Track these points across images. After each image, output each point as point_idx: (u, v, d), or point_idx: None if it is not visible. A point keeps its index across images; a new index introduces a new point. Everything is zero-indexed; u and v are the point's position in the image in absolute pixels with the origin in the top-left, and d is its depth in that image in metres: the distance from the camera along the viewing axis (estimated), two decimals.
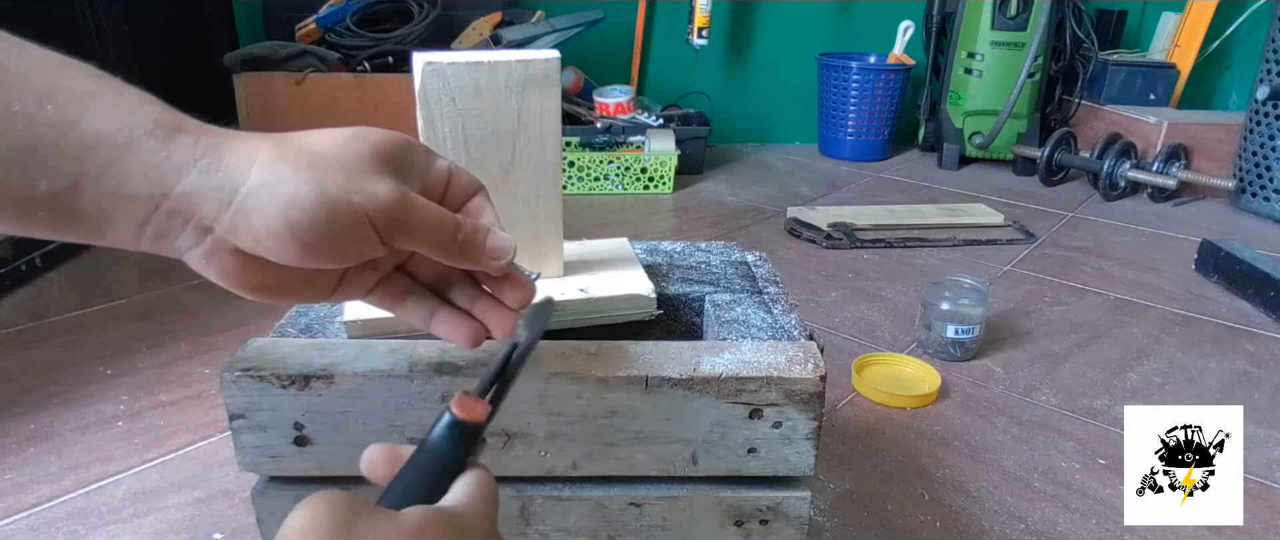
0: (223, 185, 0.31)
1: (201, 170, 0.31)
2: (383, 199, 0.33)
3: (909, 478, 0.87)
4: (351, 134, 0.35)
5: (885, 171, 2.22)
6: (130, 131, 0.30)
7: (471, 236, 0.37)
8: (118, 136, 0.30)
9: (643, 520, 0.50)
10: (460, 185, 0.40)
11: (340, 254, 0.33)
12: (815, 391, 0.47)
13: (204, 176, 0.31)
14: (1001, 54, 2.13)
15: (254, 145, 0.32)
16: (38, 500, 0.80)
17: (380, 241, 0.34)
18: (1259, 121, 1.84)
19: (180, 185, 0.30)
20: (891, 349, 1.16)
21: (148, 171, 0.30)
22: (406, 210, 0.34)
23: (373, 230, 0.33)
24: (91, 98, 0.30)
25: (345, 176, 0.33)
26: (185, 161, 0.30)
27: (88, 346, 1.10)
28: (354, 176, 0.33)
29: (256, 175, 0.31)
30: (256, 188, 0.31)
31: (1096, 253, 1.60)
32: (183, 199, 0.31)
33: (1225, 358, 1.17)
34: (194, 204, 0.31)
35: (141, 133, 0.30)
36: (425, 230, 0.35)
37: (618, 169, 1.91)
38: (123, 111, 0.30)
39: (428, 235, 0.36)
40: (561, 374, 0.46)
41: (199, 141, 0.31)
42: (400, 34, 1.87)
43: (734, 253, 0.69)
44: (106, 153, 0.29)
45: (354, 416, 0.46)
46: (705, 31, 2.10)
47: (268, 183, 0.31)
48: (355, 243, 0.33)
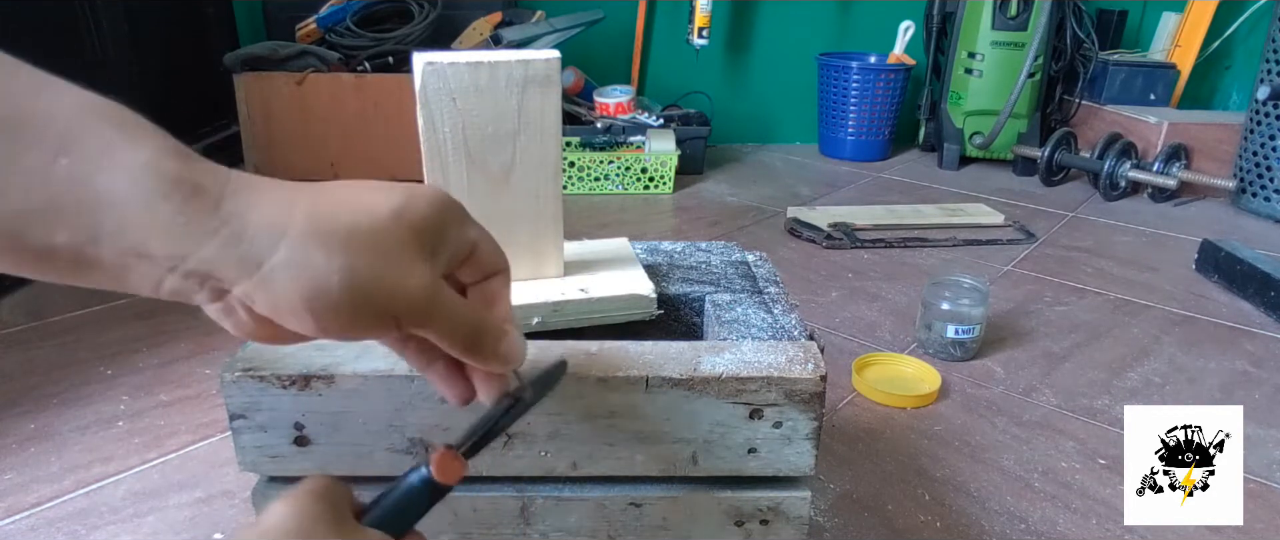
0: (246, 258, 0.29)
1: (223, 240, 0.29)
2: (412, 293, 0.32)
3: (909, 478, 0.87)
4: (394, 210, 0.32)
5: (885, 171, 2.22)
6: (148, 192, 0.28)
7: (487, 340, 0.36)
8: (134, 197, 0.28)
9: (643, 520, 0.50)
10: (483, 260, 0.38)
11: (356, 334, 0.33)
12: (815, 391, 0.47)
13: (225, 247, 0.29)
14: (1002, 54, 2.13)
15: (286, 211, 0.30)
16: (38, 500, 0.80)
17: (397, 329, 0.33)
18: (1259, 121, 1.84)
19: (200, 252, 0.29)
20: (892, 349, 1.16)
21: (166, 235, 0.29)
22: (432, 306, 0.33)
23: (394, 320, 0.32)
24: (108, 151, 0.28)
25: (380, 263, 0.31)
26: (205, 229, 0.29)
27: (88, 346, 1.10)
28: (389, 263, 0.32)
29: (284, 252, 0.30)
30: (281, 265, 0.30)
31: (1097, 253, 1.60)
32: (201, 264, 0.29)
33: (1225, 358, 1.17)
34: (213, 269, 0.29)
35: (159, 194, 0.28)
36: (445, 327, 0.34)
37: (618, 169, 1.91)
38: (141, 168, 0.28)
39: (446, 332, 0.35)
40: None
41: (220, 207, 0.29)
42: (400, 34, 1.87)
43: (734, 253, 0.69)
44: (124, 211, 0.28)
45: (354, 416, 0.46)
46: (705, 31, 2.10)
47: (296, 262, 0.30)
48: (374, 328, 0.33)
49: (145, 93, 1.66)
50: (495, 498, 0.49)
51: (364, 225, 0.31)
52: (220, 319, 0.32)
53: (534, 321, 0.52)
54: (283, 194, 0.31)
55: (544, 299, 0.53)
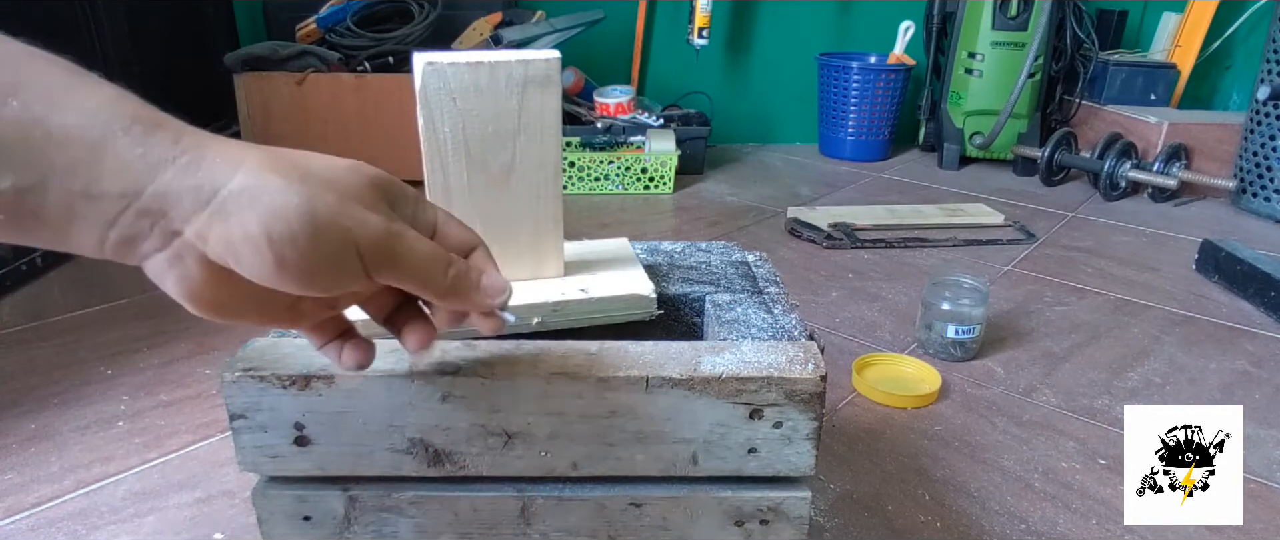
0: (202, 185, 0.29)
1: (181, 167, 0.29)
2: (374, 227, 0.32)
3: (909, 478, 0.87)
4: (348, 163, 0.33)
5: (885, 171, 2.22)
6: (104, 127, 0.28)
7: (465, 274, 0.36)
8: (90, 132, 0.28)
9: (643, 520, 0.50)
10: (453, 238, 0.38)
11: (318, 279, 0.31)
12: (816, 392, 0.47)
13: (182, 174, 0.29)
14: (1002, 54, 2.13)
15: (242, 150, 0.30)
16: (38, 500, 0.80)
17: (364, 273, 0.32)
18: (1259, 121, 1.84)
19: (155, 183, 0.28)
20: (892, 349, 1.16)
21: (122, 168, 0.28)
22: (396, 242, 0.33)
23: (358, 259, 0.31)
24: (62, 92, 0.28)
25: (338, 198, 0.31)
26: (163, 158, 0.28)
27: (88, 346, 1.10)
28: (347, 201, 0.31)
29: (241, 178, 0.29)
30: (239, 190, 0.29)
31: (1097, 253, 1.60)
32: (155, 198, 0.28)
33: (1226, 358, 1.17)
34: (167, 203, 0.29)
35: (117, 128, 0.28)
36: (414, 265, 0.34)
37: (618, 169, 1.91)
38: (97, 107, 0.28)
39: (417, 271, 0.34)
40: (562, 374, 0.46)
41: (180, 139, 0.29)
42: (401, 34, 1.87)
43: (734, 253, 0.69)
44: (77, 149, 0.27)
45: (354, 416, 0.46)
46: (705, 31, 2.10)
47: (253, 187, 0.29)
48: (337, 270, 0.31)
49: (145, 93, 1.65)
50: (495, 498, 0.49)
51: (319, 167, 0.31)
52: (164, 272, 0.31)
53: (534, 321, 0.53)
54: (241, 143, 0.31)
55: (544, 299, 0.53)
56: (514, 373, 0.46)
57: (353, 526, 0.49)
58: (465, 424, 0.46)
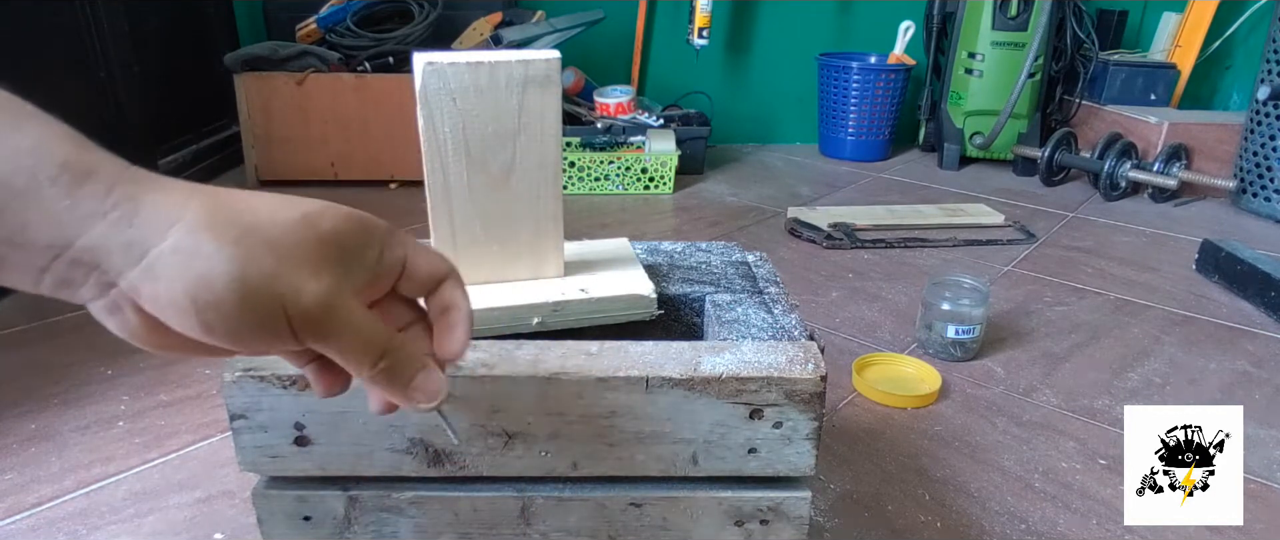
0: (133, 242, 0.28)
1: (111, 223, 0.27)
2: (306, 299, 0.30)
3: (909, 478, 0.87)
4: (303, 215, 0.31)
5: (886, 171, 2.22)
6: (30, 175, 0.27)
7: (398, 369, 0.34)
8: (15, 180, 0.26)
9: (643, 520, 0.50)
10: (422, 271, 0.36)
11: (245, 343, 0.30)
12: (816, 392, 0.47)
13: (113, 229, 0.27)
14: (1002, 54, 2.13)
15: (182, 202, 0.29)
16: (38, 500, 0.80)
17: (294, 340, 0.31)
18: (1259, 122, 1.84)
19: (85, 237, 0.27)
20: (892, 349, 1.16)
21: (48, 221, 0.27)
22: (330, 317, 0.31)
23: (288, 328, 0.30)
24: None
25: (274, 262, 0.29)
26: (93, 211, 0.27)
27: (88, 346, 1.10)
28: (285, 264, 0.29)
29: (173, 237, 0.28)
30: (169, 252, 0.28)
31: (1097, 253, 1.60)
32: (86, 251, 0.27)
33: (1226, 358, 1.17)
34: (98, 257, 0.28)
35: (43, 177, 0.27)
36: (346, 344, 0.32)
37: (618, 169, 1.91)
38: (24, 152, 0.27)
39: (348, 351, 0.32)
40: (562, 374, 0.46)
41: (112, 191, 0.28)
42: (401, 34, 1.87)
43: (734, 253, 0.69)
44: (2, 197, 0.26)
45: (354, 416, 0.46)
46: (706, 32, 2.10)
47: (184, 249, 0.28)
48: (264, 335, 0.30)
49: (145, 93, 1.66)
50: (495, 498, 0.49)
51: (264, 223, 0.30)
52: (105, 318, 0.30)
53: (534, 321, 0.53)
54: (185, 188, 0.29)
55: (544, 299, 0.53)
56: (514, 373, 0.46)
57: (353, 526, 0.49)
58: (465, 424, 0.46)
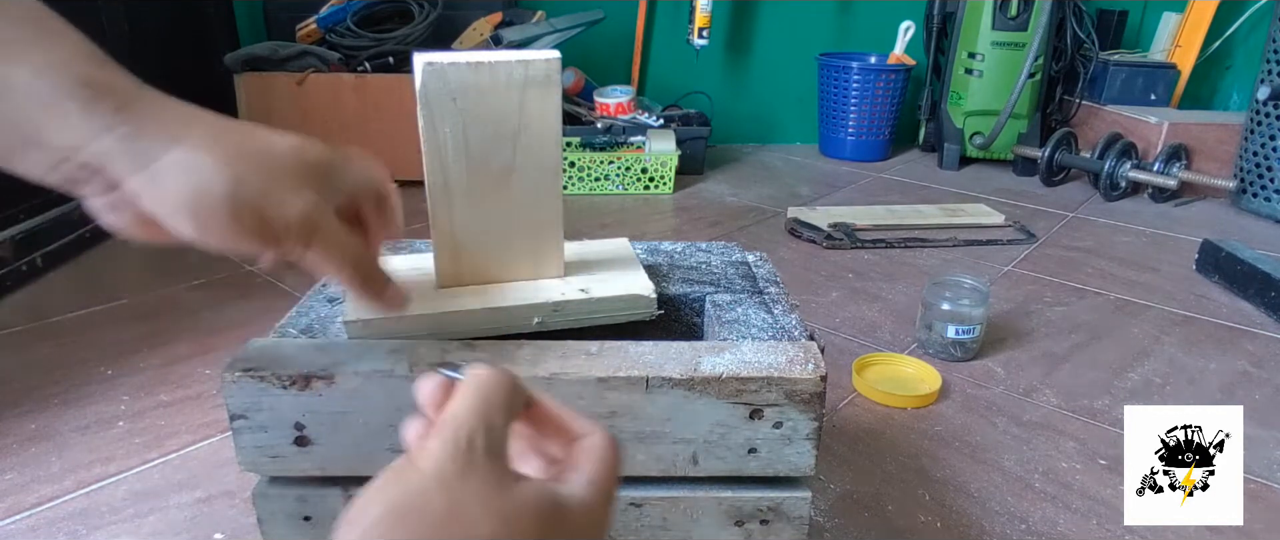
0: (139, 153, 0.31)
1: (119, 136, 0.31)
2: (292, 212, 0.34)
3: (909, 478, 0.87)
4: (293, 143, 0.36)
5: (886, 172, 2.22)
6: (52, 87, 0.30)
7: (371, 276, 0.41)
8: (39, 91, 0.30)
9: (643, 520, 0.50)
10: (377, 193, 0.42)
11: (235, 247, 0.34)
12: (816, 392, 0.47)
13: (120, 142, 0.31)
14: (1002, 54, 2.13)
15: (184, 123, 0.33)
16: (39, 500, 0.80)
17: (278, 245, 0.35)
18: (1260, 122, 1.84)
19: (94, 144, 0.31)
20: (892, 349, 1.16)
21: (64, 128, 0.30)
22: (311, 226, 0.35)
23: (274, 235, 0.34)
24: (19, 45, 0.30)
25: (263, 180, 0.33)
26: (104, 125, 0.31)
27: (88, 347, 1.10)
28: (272, 182, 0.34)
29: (176, 153, 0.32)
30: (172, 164, 0.32)
31: (1097, 253, 1.60)
32: (94, 156, 0.31)
33: (1226, 358, 1.17)
34: (105, 162, 0.31)
35: (63, 92, 0.30)
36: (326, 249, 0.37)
37: (618, 169, 1.91)
38: (49, 66, 0.30)
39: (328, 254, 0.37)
40: (562, 374, 0.46)
41: (124, 108, 0.31)
42: (401, 34, 1.87)
43: (734, 253, 0.69)
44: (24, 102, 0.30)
45: (354, 416, 0.46)
46: (706, 32, 2.10)
47: (184, 162, 0.32)
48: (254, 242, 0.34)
49: None
50: None
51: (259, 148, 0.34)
52: (104, 213, 0.34)
53: (534, 321, 0.53)
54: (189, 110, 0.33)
55: (544, 299, 0.53)
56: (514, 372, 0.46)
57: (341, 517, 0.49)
58: None
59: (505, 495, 0.27)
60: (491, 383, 0.30)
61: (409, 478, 0.27)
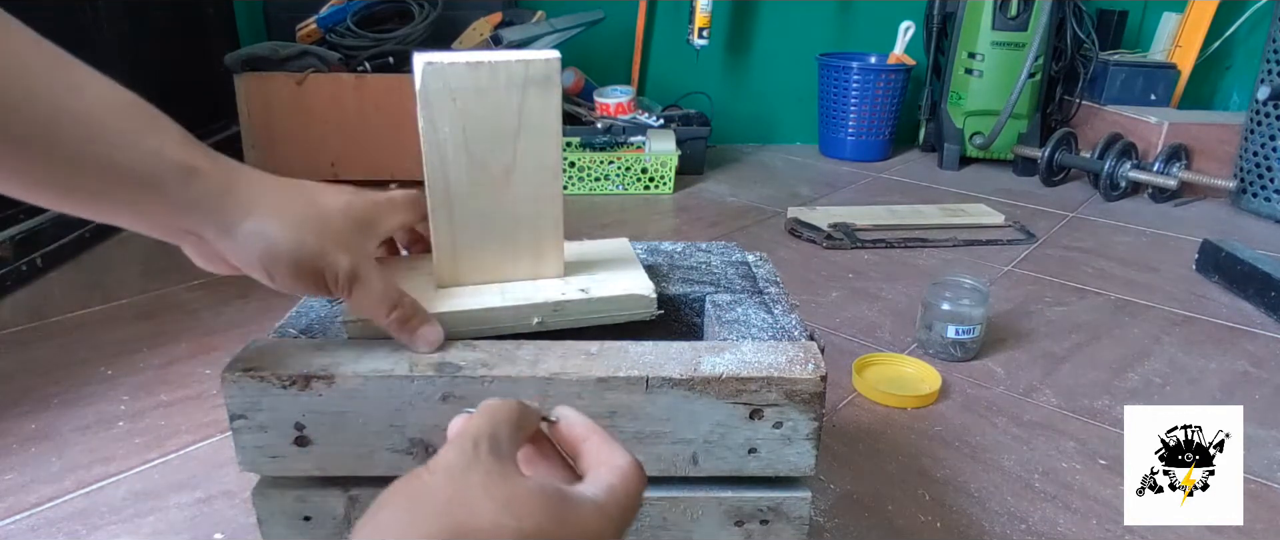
0: (223, 224, 0.41)
1: (208, 209, 0.40)
2: (340, 271, 0.44)
3: (910, 478, 0.87)
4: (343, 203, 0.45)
5: (886, 172, 2.22)
6: (158, 174, 0.38)
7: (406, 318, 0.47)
8: (147, 177, 0.38)
9: (643, 520, 0.50)
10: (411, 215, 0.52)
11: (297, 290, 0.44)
12: (816, 392, 0.47)
13: (209, 213, 0.40)
14: (1002, 54, 2.13)
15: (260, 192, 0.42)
16: (38, 500, 0.80)
17: (330, 292, 0.44)
18: (1260, 122, 1.84)
19: (191, 216, 0.40)
20: (892, 349, 1.16)
21: (167, 206, 0.39)
22: (356, 279, 0.45)
23: (326, 285, 0.44)
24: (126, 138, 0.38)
25: (318, 242, 0.43)
26: (197, 200, 0.40)
27: (88, 347, 1.10)
28: (327, 244, 0.43)
29: (251, 223, 0.41)
30: (248, 232, 0.41)
31: (1097, 253, 1.60)
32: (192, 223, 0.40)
33: (1226, 358, 1.17)
34: (199, 228, 0.41)
35: (167, 175, 0.39)
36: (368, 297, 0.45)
37: (618, 169, 1.91)
38: (152, 154, 0.38)
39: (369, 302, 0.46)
40: (562, 374, 0.46)
41: (210, 182, 0.40)
42: (401, 34, 1.87)
43: (734, 253, 0.69)
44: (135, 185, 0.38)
45: (354, 416, 0.46)
46: (706, 32, 2.10)
47: (258, 231, 0.41)
48: (310, 289, 0.44)
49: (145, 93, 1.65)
50: None
51: (314, 214, 0.43)
52: (193, 256, 0.44)
53: (534, 321, 0.52)
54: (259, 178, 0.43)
55: (544, 299, 0.53)
56: (514, 373, 0.46)
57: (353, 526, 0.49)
58: None
59: (509, 483, 0.29)
60: (499, 404, 0.33)
61: (418, 477, 0.29)
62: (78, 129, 0.36)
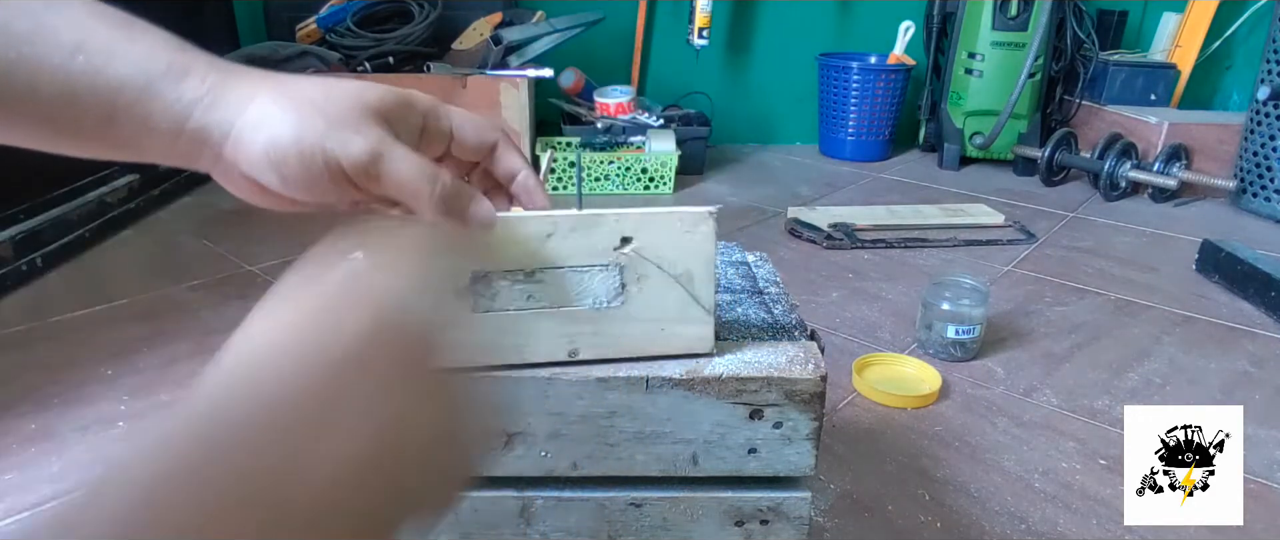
0: (222, 120, 0.36)
1: (206, 106, 0.35)
2: (354, 149, 0.36)
3: (910, 478, 0.87)
4: (352, 88, 0.38)
5: (886, 172, 2.22)
6: (148, 76, 0.35)
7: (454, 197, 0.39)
8: (138, 80, 0.35)
9: (643, 521, 0.50)
10: (470, 137, 0.42)
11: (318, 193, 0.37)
12: (816, 392, 0.47)
13: (209, 112, 0.35)
14: (1002, 54, 2.13)
15: (256, 85, 0.37)
16: (39, 500, 0.80)
17: (352, 186, 0.37)
18: (1259, 122, 1.84)
19: (191, 119, 0.35)
20: (892, 349, 1.16)
21: (165, 109, 0.35)
22: (377, 161, 0.36)
23: (344, 175, 0.36)
24: (116, 45, 0.35)
25: (326, 124, 0.36)
26: (194, 99, 0.35)
27: (89, 347, 1.10)
28: (335, 125, 0.36)
29: (250, 112, 0.36)
30: (246, 124, 0.36)
31: (1097, 253, 1.60)
32: (195, 130, 0.36)
33: (1226, 358, 1.17)
34: (204, 134, 0.36)
35: (157, 75, 0.35)
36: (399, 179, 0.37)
37: (618, 169, 1.91)
38: (142, 57, 0.35)
39: (401, 188, 0.37)
40: (562, 374, 0.46)
41: (206, 79, 0.36)
42: (401, 34, 1.87)
43: (734, 253, 0.69)
44: (131, 94, 0.34)
45: None
46: (706, 32, 2.10)
47: (256, 120, 0.36)
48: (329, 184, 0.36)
49: None
50: (496, 498, 0.49)
51: (318, 97, 0.37)
52: (226, 184, 0.38)
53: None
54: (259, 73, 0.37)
55: None
56: (514, 373, 0.46)
57: None
58: None
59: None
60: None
61: None
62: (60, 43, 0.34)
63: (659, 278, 0.46)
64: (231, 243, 1.48)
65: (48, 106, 0.34)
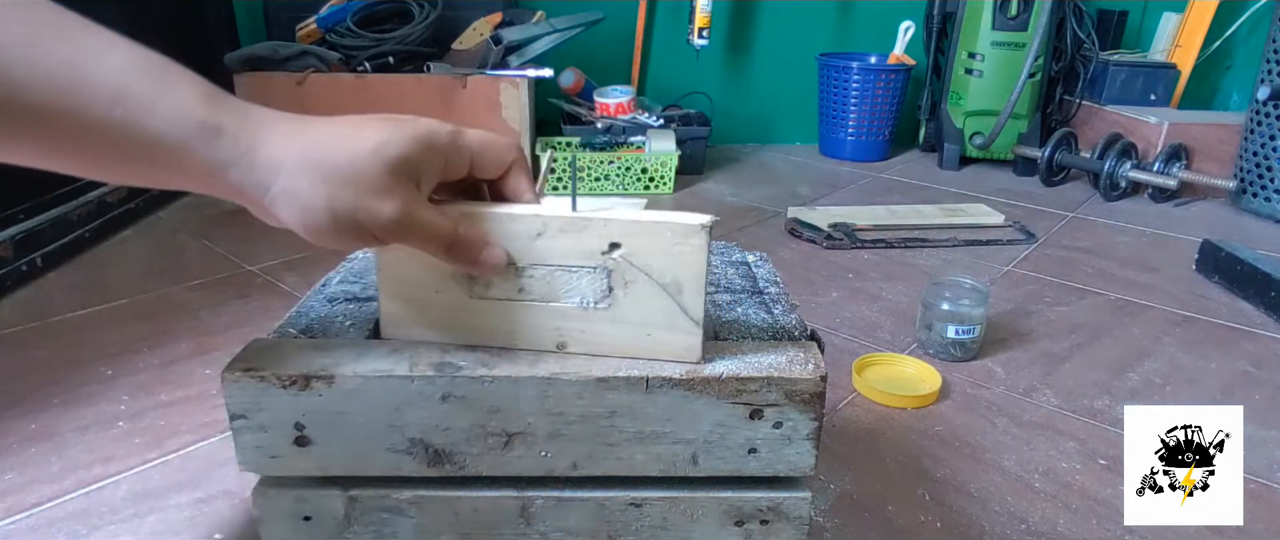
0: (258, 183, 0.38)
1: (241, 170, 0.38)
2: (383, 218, 0.39)
3: (910, 478, 0.87)
4: (373, 147, 0.39)
5: (886, 172, 2.22)
6: (182, 135, 0.37)
7: (464, 250, 0.44)
8: (173, 137, 0.36)
9: (643, 521, 0.50)
10: (490, 162, 0.45)
11: (348, 247, 0.41)
12: (816, 392, 0.47)
13: (243, 175, 0.38)
14: (1002, 54, 2.13)
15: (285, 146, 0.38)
16: (38, 500, 0.80)
17: (380, 243, 0.41)
18: (1260, 122, 1.84)
19: (226, 177, 0.38)
20: (892, 349, 1.16)
21: (199, 166, 0.37)
22: (402, 225, 0.40)
23: (373, 237, 0.40)
24: (152, 100, 0.36)
25: (355, 194, 0.38)
26: (226, 161, 0.38)
27: (88, 347, 1.10)
28: (363, 194, 0.39)
29: (282, 182, 0.38)
30: (279, 193, 0.38)
31: (1097, 253, 1.60)
32: (231, 185, 0.38)
33: (1226, 358, 1.17)
34: (240, 190, 0.39)
35: (191, 135, 0.37)
36: (421, 240, 0.42)
37: (618, 169, 1.91)
38: (176, 113, 0.36)
39: (424, 244, 0.42)
40: (562, 374, 0.46)
41: (237, 142, 0.38)
42: (401, 34, 1.87)
43: (734, 253, 0.69)
44: (166, 149, 0.37)
45: (354, 416, 0.46)
46: (706, 32, 2.10)
47: (289, 191, 0.38)
48: (358, 242, 0.41)
49: None
50: (495, 498, 0.49)
51: (344, 163, 0.39)
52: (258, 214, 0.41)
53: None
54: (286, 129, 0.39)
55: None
56: (514, 373, 0.46)
57: (353, 526, 0.49)
58: (465, 424, 0.46)
59: None
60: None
61: None
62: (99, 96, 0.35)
63: (647, 285, 0.46)
64: (231, 243, 1.48)
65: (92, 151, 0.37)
